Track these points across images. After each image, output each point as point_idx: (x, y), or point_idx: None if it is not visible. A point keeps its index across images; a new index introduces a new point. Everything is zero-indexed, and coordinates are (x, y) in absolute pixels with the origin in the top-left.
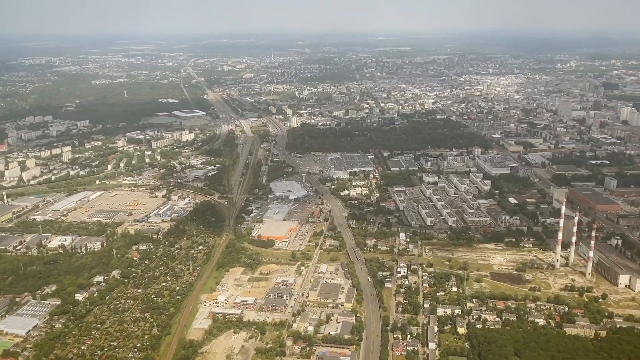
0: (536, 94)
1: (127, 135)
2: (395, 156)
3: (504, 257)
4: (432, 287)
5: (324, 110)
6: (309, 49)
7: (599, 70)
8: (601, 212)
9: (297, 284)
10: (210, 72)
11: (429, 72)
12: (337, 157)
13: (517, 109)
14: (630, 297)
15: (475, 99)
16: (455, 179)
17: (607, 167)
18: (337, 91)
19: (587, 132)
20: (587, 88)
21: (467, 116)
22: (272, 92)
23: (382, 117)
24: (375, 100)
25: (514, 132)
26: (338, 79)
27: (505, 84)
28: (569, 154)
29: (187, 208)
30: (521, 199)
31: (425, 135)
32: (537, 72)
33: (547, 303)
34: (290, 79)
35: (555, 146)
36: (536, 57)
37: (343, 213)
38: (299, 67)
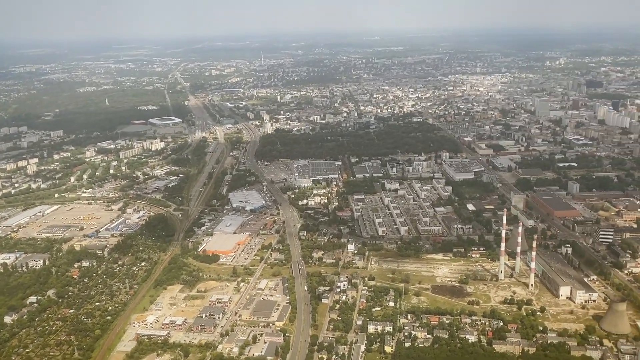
0: (518, 93)
1: (97, 145)
2: (363, 162)
3: (449, 268)
4: (369, 302)
5: (302, 114)
6: (301, 51)
7: (587, 68)
8: (559, 218)
9: (232, 302)
10: (198, 77)
11: (416, 72)
12: (304, 164)
13: (495, 110)
14: (569, 310)
15: (456, 100)
16: (416, 186)
17: (575, 169)
18: (319, 94)
19: (562, 133)
20: (570, 86)
21: (444, 118)
22: (255, 96)
23: (358, 121)
24: (355, 104)
25: (488, 134)
26: (324, 81)
27: (489, 83)
28: (538, 157)
29: (139, 222)
30: (480, 205)
31: (398, 139)
32: (525, 71)
33: (482, 318)
34: (275, 83)
35: (526, 148)
36: (527, 55)
37: (297, 224)
38: (287, 70)
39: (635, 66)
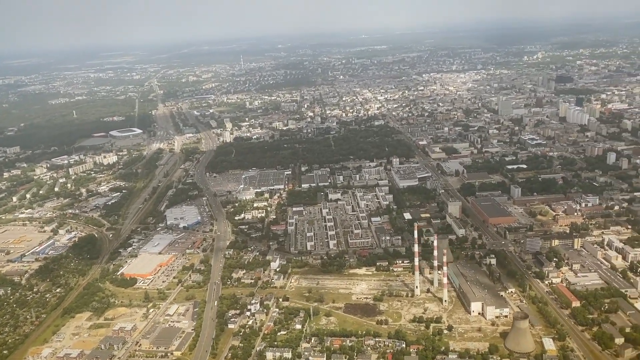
0: (487, 91)
1: (50, 162)
2: (312, 170)
3: (369, 284)
4: (276, 326)
5: (266, 121)
6: (285, 53)
7: (564, 61)
8: (493, 226)
9: (137, 330)
10: (174, 83)
11: (393, 72)
12: (253, 175)
13: (459, 110)
14: (478, 327)
15: (423, 100)
16: (358, 195)
17: (524, 171)
18: (289, 99)
19: (520, 132)
20: (539, 82)
21: (406, 121)
22: (224, 103)
23: (318, 127)
24: (322, 107)
25: (445, 136)
26: (299, 84)
27: (461, 81)
28: (489, 159)
29: (69, 243)
30: (416, 214)
31: (354, 145)
32: (501, 67)
33: (387, 339)
34: (249, 88)
35: (479, 151)
36: (507, 50)
37: (226, 241)
38: (264, 74)
39: (610, 58)
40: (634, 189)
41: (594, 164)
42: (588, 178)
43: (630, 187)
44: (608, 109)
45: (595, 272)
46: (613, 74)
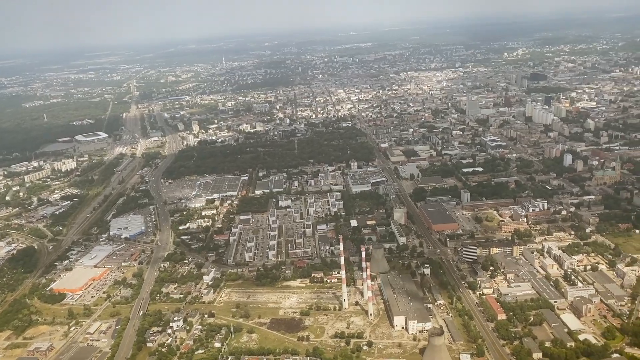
0: (459, 90)
1: (9, 169)
2: (269, 175)
3: (300, 296)
4: (195, 344)
5: (235, 123)
6: (270, 51)
7: (543, 58)
8: (436, 233)
9: (53, 350)
10: (153, 84)
11: (372, 70)
12: (209, 180)
13: (429, 110)
14: (398, 343)
15: (395, 100)
16: (309, 201)
17: (479, 174)
18: (263, 99)
19: (483, 134)
20: (513, 80)
21: (374, 122)
22: (197, 104)
23: (285, 129)
24: (294, 108)
25: (409, 138)
26: (278, 84)
27: (437, 80)
28: (446, 162)
29: (7, 256)
30: (362, 221)
31: (317, 148)
32: (481, 64)
33: (305, 357)
34: (226, 88)
35: (438, 153)
36: (489, 47)
37: (165, 253)
38: (244, 73)
39: (589, 54)
40: (585, 192)
41: (551, 166)
42: (542, 181)
43: (582, 191)
44: (575, 108)
45: (529, 282)
46: (587, 71)
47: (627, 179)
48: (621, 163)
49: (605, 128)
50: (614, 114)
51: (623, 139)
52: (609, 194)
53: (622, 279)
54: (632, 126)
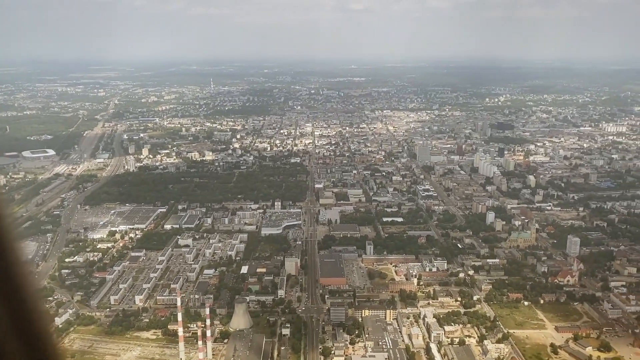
0: (423, 134)
1: None
2: (188, 209)
3: (144, 350)
4: None
5: (186, 150)
6: (264, 78)
7: (522, 106)
8: (322, 286)
9: None
10: (134, 103)
11: (351, 106)
12: (125, 210)
13: (383, 152)
14: None
15: (356, 138)
16: (212, 241)
17: (397, 225)
18: (228, 127)
19: (421, 182)
20: (478, 128)
21: (324, 160)
22: (163, 127)
23: (230, 160)
24: (254, 139)
25: (348, 180)
26: (253, 112)
27: (407, 121)
28: (370, 210)
29: None
30: (253, 268)
31: (252, 183)
32: (458, 108)
33: None
34: (200, 113)
35: (368, 198)
36: (475, 90)
37: None
38: (225, 99)
39: (568, 106)
40: (491, 255)
41: (472, 222)
42: (455, 238)
43: (489, 253)
44: (526, 162)
45: (386, 352)
46: (557, 124)
47: (543, 243)
48: (544, 225)
49: (546, 186)
50: (562, 171)
51: (559, 198)
52: (514, 259)
53: (484, 356)
54: (574, 185)
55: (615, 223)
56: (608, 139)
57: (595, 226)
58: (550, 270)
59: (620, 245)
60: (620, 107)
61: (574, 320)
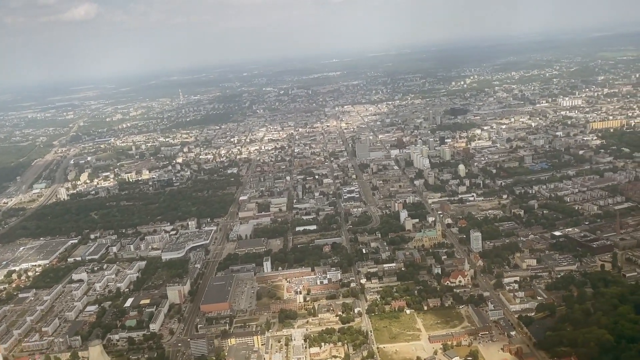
0: (376, 127)
1: None
2: (99, 238)
3: None
4: None
5: (126, 170)
6: (239, 83)
7: (487, 87)
8: (203, 314)
9: None
10: (98, 123)
11: (314, 104)
12: (37, 244)
13: (327, 152)
14: None
15: (304, 140)
16: (106, 273)
17: (309, 234)
18: (180, 141)
19: (352, 182)
20: (430, 116)
21: (262, 168)
22: (113, 147)
23: (160, 179)
24: (200, 150)
25: (278, 189)
26: (215, 121)
27: (364, 115)
28: (286, 220)
29: None
30: (137, 300)
31: (179, 202)
32: (422, 95)
33: None
34: (159, 127)
35: (288, 207)
36: (447, 74)
37: None
38: (192, 109)
39: (533, 82)
40: (392, 258)
41: (386, 223)
42: (363, 242)
43: (391, 256)
44: (466, 149)
45: None
46: (512, 103)
47: (451, 239)
48: (457, 219)
49: (477, 174)
50: (499, 155)
51: (486, 187)
52: (413, 261)
53: None
54: (506, 170)
55: (534, 209)
56: (560, 115)
57: (512, 214)
58: (444, 270)
59: (530, 235)
60: (585, 78)
61: (453, 327)
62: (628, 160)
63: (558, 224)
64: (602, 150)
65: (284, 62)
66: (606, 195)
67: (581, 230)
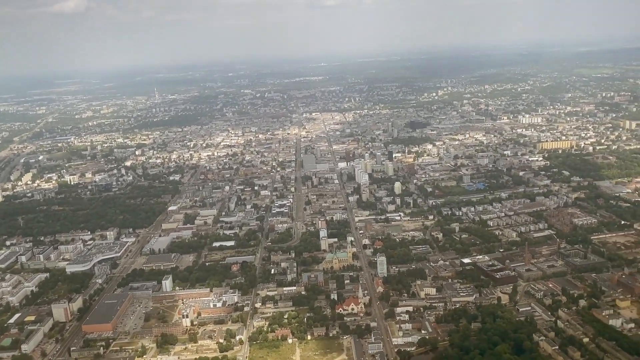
0: (333, 137)
1: None
2: (13, 245)
3: None
4: None
5: (73, 171)
6: (220, 83)
7: (457, 99)
8: (84, 334)
9: None
10: (66, 120)
11: (285, 109)
12: None
13: (276, 161)
14: None
15: (260, 147)
16: (4, 285)
17: (225, 250)
18: (137, 143)
19: (287, 196)
20: (389, 128)
21: (206, 175)
22: (72, 146)
23: (98, 184)
24: (153, 153)
25: (215, 198)
26: (181, 123)
27: (328, 123)
28: (206, 234)
29: None
30: (22, 317)
31: (106, 209)
32: (392, 105)
33: None
34: (122, 127)
35: (214, 220)
36: (423, 84)
37: None
38: (162, 109)
39: (501, 97)
40: (297, 280)
41: (305, 241)
42: (274, 262)
43: (297, 278)
44: (410, 165)
45: None
46: (472, 119)
47: (361, 262)
48: (374, 240)
49: (412, 192)
50: (440, 173)
51: (417, 206)
52: (316, 285)
53: None
54: (443, 189)
55: (454, 232)
56: (515, 133)
57: (431, 237)
58: (342, 296)
59: (439, 260)
60: (553, 95)
61: (329, 359)
62: (564, 185)
63: (473, 249)
64: (542, 173)
65: (273, 64)
66: (530, 222)
67: (491, 259)
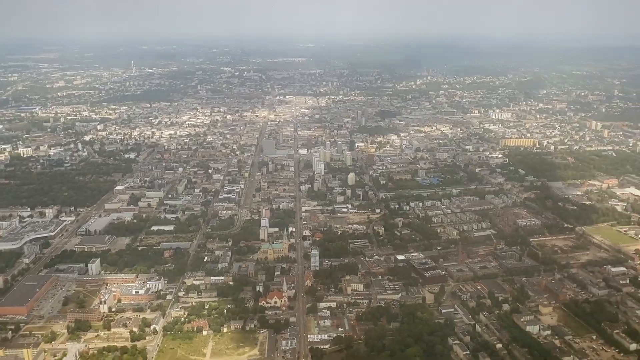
0: (301, 123)
1: None
2: None
3: None
4: None
5: (30, 143)
6: (202, 59)
7: (433, 90)
8: None
9: None
10: (36, 89)
11: (259, 91)
12: None
13: (237, 144)
14: None
15: (225, 128)
16: None
17: (163, 234)
18: (102, 117)
19: (240, 181)
20: (359, 116)
21: (162, 155)
22: (35, 117)
23: (50, 158)
24: (115, 128)
25: (165, 179)
26: (152, 98)
27: (301, 107)
28: (148, 217)
29: None
30: None
31: (52, 185)
32: (367, 92)
33: None
34: (92, 100)
35: (160, 202)
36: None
37: None
38: (136, 83)
39: (478, 89)
40: (227, 270)
41: (246, 229)
42: (210, 250)
43: (227, 267)
44: (370, 156)
45: None
46: (444, 110)
47: (299, 254)
48: (314, 232)
49: (365, 183)
50: (398, 165)
51: (366, 198)
52: (245, 275)
53: None
54: (396, 182)
55: (397, 227)
56: (482, 127)
57: (373, 231)
58: (268, 289)
59: (374, 256)
60: (529, 91)
61: (241, 354)
62: (517, 184)
63: (411, 246)
64: (498, 170)
65: (261, 42)
66: (474, 220)
67: (426, 257)
